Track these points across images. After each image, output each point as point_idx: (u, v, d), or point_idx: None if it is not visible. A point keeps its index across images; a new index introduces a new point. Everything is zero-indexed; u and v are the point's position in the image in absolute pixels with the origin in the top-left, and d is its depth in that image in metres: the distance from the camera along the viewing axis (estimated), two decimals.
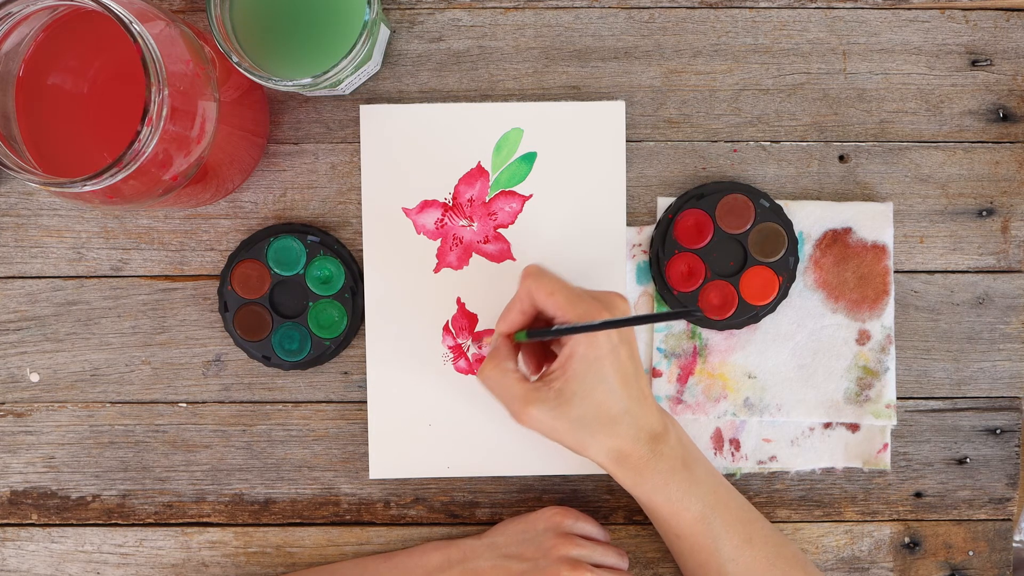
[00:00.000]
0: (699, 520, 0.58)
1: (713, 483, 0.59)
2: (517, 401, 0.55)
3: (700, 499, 0.57)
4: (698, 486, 0.58)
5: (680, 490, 0.57)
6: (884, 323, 0.65)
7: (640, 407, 0.56)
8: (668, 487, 0.57)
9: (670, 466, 0.57)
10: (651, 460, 0.56)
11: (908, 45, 0.64)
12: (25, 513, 0.66)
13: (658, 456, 0.56)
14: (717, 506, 0.58)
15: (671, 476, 0.57)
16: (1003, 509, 0.66)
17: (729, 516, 0.58)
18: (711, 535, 0.58)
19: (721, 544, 0.58)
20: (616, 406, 0.55)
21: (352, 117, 0.64)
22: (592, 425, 0.55)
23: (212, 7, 0.53)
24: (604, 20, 0.64)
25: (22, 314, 0.65)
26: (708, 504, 0.58)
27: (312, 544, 0.66)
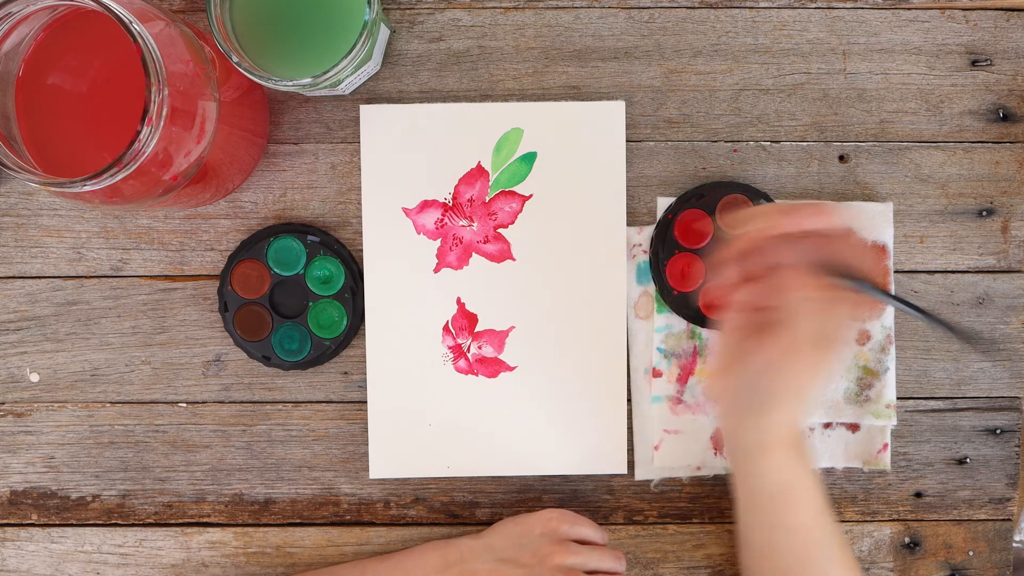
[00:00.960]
0: (821, 513, 0.55)
1: (810, 462, 0.58)
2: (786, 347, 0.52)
3: (820, 490, 0.56)
4: (813, 471, 0.56)
5: (813, 476, 0.55)
6: (884, 323, 0.65)
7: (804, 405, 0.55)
8: (811, 470, 0.55)
9: (794, 451, 0.55)
10: (797, 446, 0.55)
11: (908, 45, 0.64)
12: (25, 513, 0.66)
13: (805, 441, 0.56)
14: (817, 490, 0.56)
15: (809, 463, 0.56)
16: (1003, 509, 0.66)
17: (832, 521, 0.57)
18: (827, 530, 0.56)
19: (830, 541, 0.56)
20: (807, 384, 0.53)
21: (352, 117, 0.64)
22: (785, 396, 0.53)
23: (212, 7, 0.53)
24: (604, 20, 0.64)
25: (22, 314, 0.65)
26: (817, 495, 0.56)
27: (312, 544, 0.66)
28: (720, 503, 0.66)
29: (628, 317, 0.65)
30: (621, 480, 0.66)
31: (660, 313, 0.65)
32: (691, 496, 0.66)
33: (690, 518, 0.66)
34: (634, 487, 0.66)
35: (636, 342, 0.65)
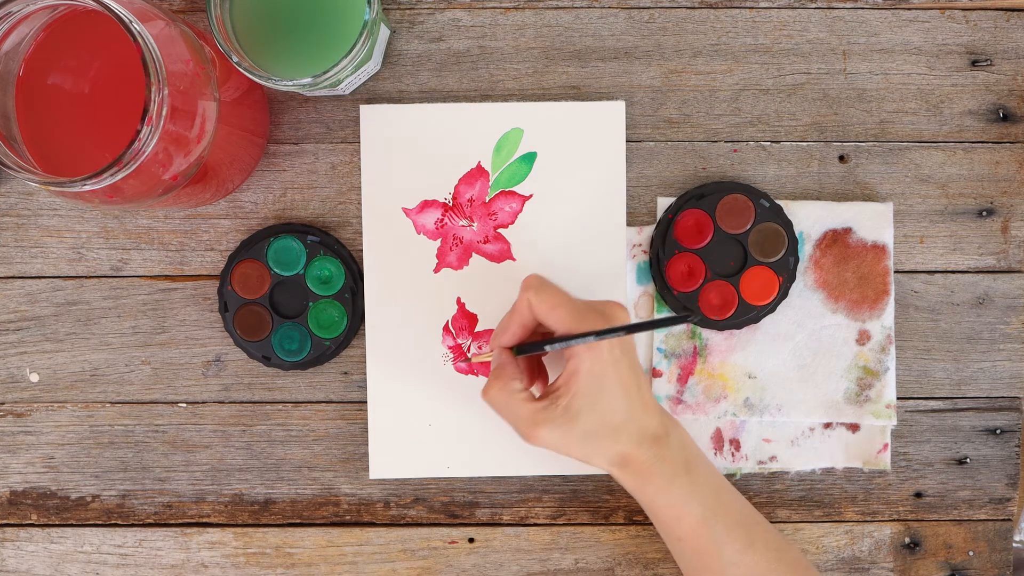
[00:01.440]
0: (701, 523, 0.57)
1: (715, 486, 0.59)
2: (525, 423, 0.56)
3: (701, 502, 0.57)
4: (700, 489, 0.58)
5: (682, 493, 0.57)
6: (884, 323, 0.65)
7: (643, 413, 0.57)
8: (670, 490, 0.57)
9: (672, 470, 0.57)
10: (653, 464, 0.57)
11: (908, 45, 0.64)
12: (24, 513, 0.66)
13: (660, 460, 0.57)
14: (719, 509, 0.58)
15: (673, 479, 0.57)
16: (1003, 509, 0.66)
17: (731, 519, 0.58)
18: (713, 539, 0.58)
19: (723, 548, 0.58)
20: (620, 415, 0.56)
21: (352, 117, 0.64)
22: (597, 436, 0.56)
23: (212, 7, 0.53)
24: (604, 20, 0.64)
25: (22, 314, 0.65)
26: (710, 507, 0.58)
27: (312, 544, 0.66)
28: None
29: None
30: None
31: (660, 313, 0.65)
32: None
33: None
34: None
35: (636, 342, 0.65)
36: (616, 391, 0.55)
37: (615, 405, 0.55)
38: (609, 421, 0.56)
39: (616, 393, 0.55)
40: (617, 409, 0.56)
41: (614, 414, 0.56)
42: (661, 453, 0.57)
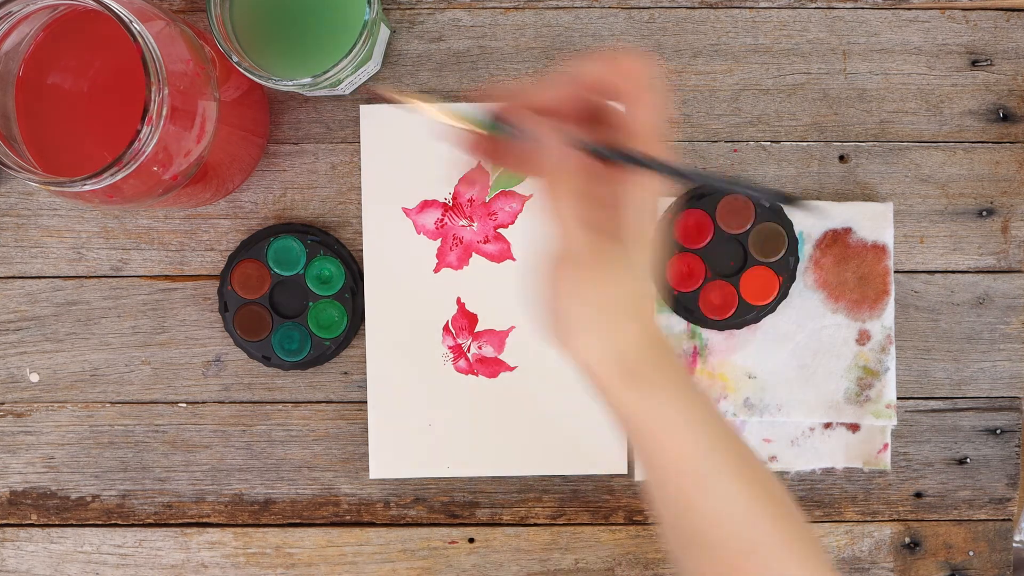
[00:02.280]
0: (698, 451, 0.45)
1: (710, 402, 0.48)
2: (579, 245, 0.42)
3: (704, 423, 0.45)
4: (700, 407, 0.46)
5: (686, 409, 0.45)
6: (884, 323, 0.65)
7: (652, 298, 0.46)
8: (675, 404, 0.44)
9: (680, 377, 0.45)
10: (665, 365, 0.44)
11: (908, 45, 0.64)
12: (24, 513, 0.66)
13: (671, 362, 0.44)
14: (720, 435, 0.46)
15: (679, 391, 0.44)
16: (1003, 509, 0.66)
17: (730, 450, 0.46)
18: (707, 471, 0.45)
19: (717, 484, 0.45)
20: (643, 281, 0.43)
21: (352, 117, 0.64)
22: (625, 299, 0.42)
23: (212, 7, 0.53)
24: (604, 20, 0.64)
25: (22, 314, 0.65)
26: (712, 432, 0.46)
27: (312, 545, 0.66)
28: None
29: None
30: (621, 480, 0.66)
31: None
32: None
33: None
34: (634, 487, 0.66)
35: None
36: (647, 249, 0.42)
37: (642, 264, 0.42)
38: (635, 284, 0.42)
39: (647, 250, 0.42)
40: (643, 271, 0.42)
41: (641, 277, 0.42)
42: (670, 353, 0.45)
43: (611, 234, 0.42)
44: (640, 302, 0.43)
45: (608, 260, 0.42)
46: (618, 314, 0.43)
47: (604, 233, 0.42)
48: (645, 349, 0.43)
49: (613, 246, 0.42)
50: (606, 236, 0.42)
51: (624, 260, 0.42)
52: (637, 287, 0.43)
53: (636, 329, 0.43)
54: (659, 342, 0.44)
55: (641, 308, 0.43)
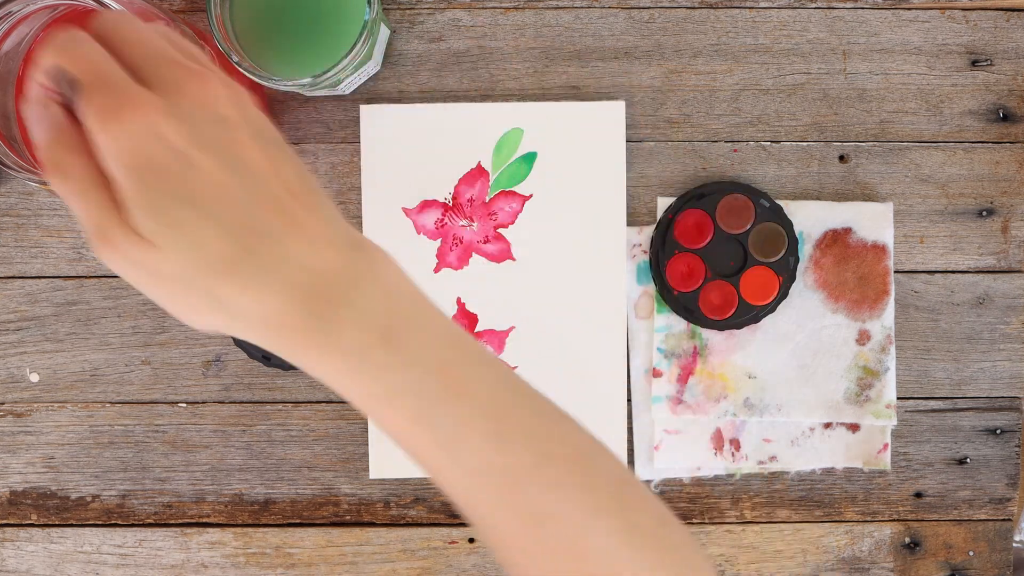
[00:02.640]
0: (414, 421, 0.37)
1: (444, 358, 0.38)
2: (94, 227, 0.35)
3: (414, 390, 0.37)
4: (413, 368, 0.37)
5: (382, 378, 0.36)
6: (884, 323, 0.65)
7: (292, 231, 0.35)
8: (360, 373, 0.36)
9: (359, 341, 0.36)
10: (319, 330, 0.35)
11: (908, 45, 0.64)
12: (24, 513, 0.66)
13: (332, 323, 0.35)
14: (448, 395, 0.37)
15: (363, 356, 0.36)
16: (1003, 509, 0.66)
17: (469, 407, 0.37)
18: (437, 442, 0.37)
19: (457, 452, 0.37)
20: (235, 233, 0.35)
21: (352, 117, 0.64)
22: (201, 273, 0.34)
23: (212, 7, 0.53)
24: (604, 20, 0.64)
25: (22, 314, 0.65)
26: (431, 395, 0.37)
27: (312, 544, 0.66)
28: (720, 503, 0.66)
29: (628, 317, 0.65)
30: None
31: (660, 313, 0.65)
32: (691, 496, 0.66)
33: (690, 518, 0.66)
34: None
35: (636, 342, 0.65)
36: (226, 178, 0.35)
37: (224, 212, 0.34)
38: (217, 248, 0.34)
39: (241, 171, 0.35)
40: (228, 218, 0.34)
41: (220, 231, 0.34)
42: (332, 314, 0.35)
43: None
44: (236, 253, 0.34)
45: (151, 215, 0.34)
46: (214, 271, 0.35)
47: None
48: (281, 301, 0.35)
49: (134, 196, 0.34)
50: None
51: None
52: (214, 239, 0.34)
53: (253, 280, 0.35)
54: (312, 292, 0.35)
55: (240, 257, 0.35)
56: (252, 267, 0.35)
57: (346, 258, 0.36)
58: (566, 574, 0.38)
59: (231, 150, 0.35)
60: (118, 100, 0.34)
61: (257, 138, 0.36)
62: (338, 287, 0.36)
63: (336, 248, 0.36)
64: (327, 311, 0.36)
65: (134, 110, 0.34)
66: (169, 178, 0.34)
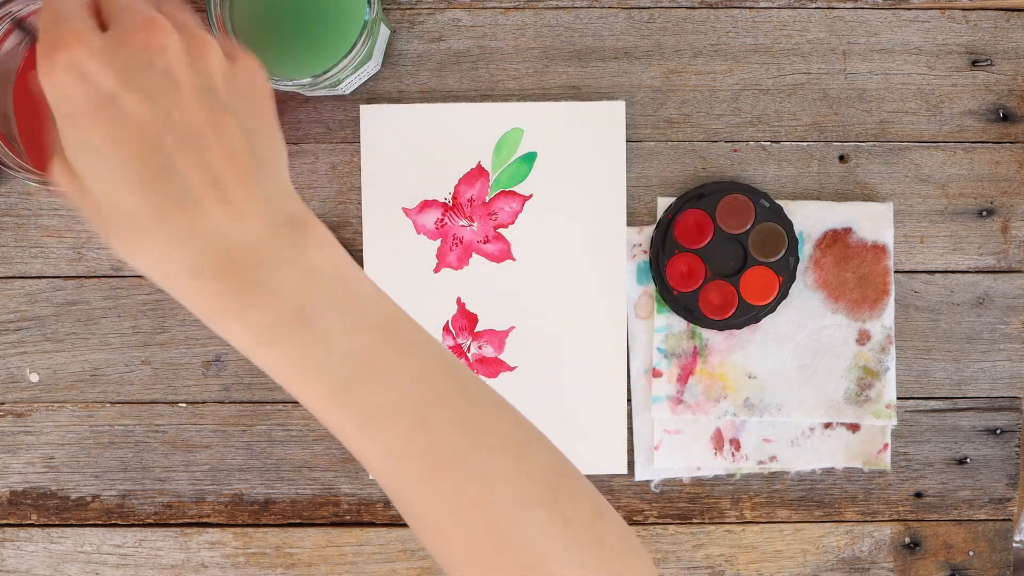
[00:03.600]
0: (331, 399, 0.36)
1: (367, 340, 0.37)
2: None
3: (327, 368, 0.36)
4: (325, 348, 0.36)
5: (292, 353, 0.36)
6: (884, 323, 0.65)
7: (216, 204, 0.34)
8: (271, 345, 0.35)
9: (272, 315, 0.35)
10: (231, 302, 0.35)
11: (908, 45, 0.64)
12: (24, 513, 0.66)
13: (243, 297, 0.35)
14: (367, 377, 0.36)
15: (275, 331, 0.35)
16: (1003, 509, 0.66)
17: (392, 391, 0.37)
18: (355, 422, 0.37)
19: (376, 434, 0.37)
20: (149, 196, 0.34)
21: (352, 117, 0.64)
22: (111, 225, 0.34)
23: (212, 7, 0.53)
24: (604, 20, 0.64)
25: (22, 314, 0.65)
26: (348, 375, 0.36)
27: (312, 544, 0.66)
28: (720, 503, 0.66)
29: (628, 317, 0.65)
30: (621, 480, 0.66)
31: (660, 313, 0.65)
32: (691, 496, 0.66)
33: (690, 518, 0.66)
34: (634, 487, 0.66)
35: (636, 342, 0.65)
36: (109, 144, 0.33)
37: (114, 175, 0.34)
38: (117, 203, 0.34)
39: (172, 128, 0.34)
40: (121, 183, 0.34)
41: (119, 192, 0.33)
42: (240, 286, 0.35)
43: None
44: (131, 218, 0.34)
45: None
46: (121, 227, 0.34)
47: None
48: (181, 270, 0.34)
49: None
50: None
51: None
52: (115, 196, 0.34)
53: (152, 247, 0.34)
54: (221, 267, 0.34)
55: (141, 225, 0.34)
56: (161, 234, 0.34)
57: (271, 235, 0.36)
58: (490, 564, 0.37)
59: (164, 103, 0.33)
60: (55, 37, 0.33)
61: (203, 96, 0.34)
62: (255, 263, 0.35)
63: (263, 223, 0.36)
64: (240, 286, 0.35)
65: (65, 48, 0.33)
66: (87, 121, 0.33)
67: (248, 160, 0.36)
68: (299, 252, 0.36)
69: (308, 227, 0.38)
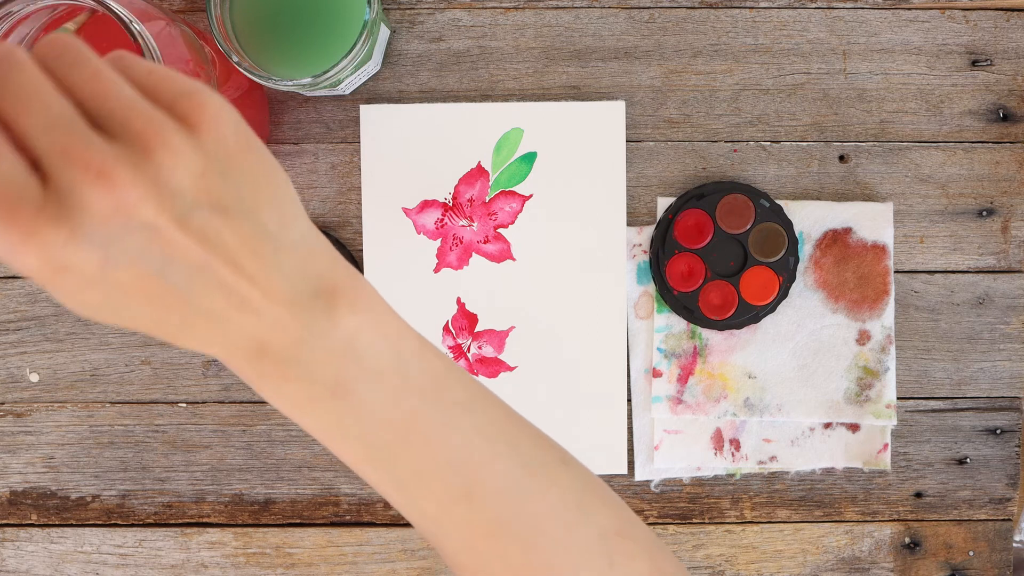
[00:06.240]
0: (368, 463, 0.37)
1: (408, 407, 0.36)
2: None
3: (366, 439, 0.36)
4: (364, 420, 0.36)
5: (332, 425, 0.36)
6: (884, 323, 0.65)
7: (236, 308, 0.33)
8: (309, 417, 0.36)
9: (306, 394, 0.35)
10: (264, 383, 0.35)
11: (908, 45, 0.64)
12: (24, 513, 0.66)
13: (275, 380, 0.35)
14: (407, 446, 0.36)
15: (310, 408, 0.35)
16: (1003, 509, 0.66)
17: (433, 459, 0.36)
18: (395, 487, 0.37)
19: (416, 500, 0.37)
20: (169, 323, 0.33)
21: (352, 117, 0.64)
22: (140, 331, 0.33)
23: (212, 7, 0.53)
24: (604, 20, 0.64)
25: (22, 314, 0.65)
26: (387, 444, 0.36)
27: (312, 544, 0.66)
28: (720, 503, 0.66)
29: (628, 317, 0.65)
30: (621, 480, 0.66)
31: (660, 313, 0.65)
32: (691, 496, 0.66)
33: (690, 518, 0.66)
34: (634, 487, 0.66)
35: (636, 342, 0.65)
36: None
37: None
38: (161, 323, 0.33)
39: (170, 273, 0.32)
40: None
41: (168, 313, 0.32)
42: (284, 365, 0.34)
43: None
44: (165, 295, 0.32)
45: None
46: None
47: None
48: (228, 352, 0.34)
49: None
50: None
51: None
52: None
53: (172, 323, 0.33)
54: (258, 350, 0.34)
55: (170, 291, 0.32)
56: (190, 337, 0.33)
57: (299, 315, 0.34)
58: None
59: (155, 260, 0.31)
60: (12, 230, 0.29)
61: (188, 220, 0.31)
62: (285, 346, 0.34)
63: (289, 308, 0.34)
64: (273, 368, 0.34)
65: (30, 246, 0.29)
66: (84, 298, 0.31)
67: (258, 248, 0.33)
68: (332, 324, 0.34)
69: (339, 293, 0.35)
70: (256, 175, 0.33)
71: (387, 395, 0.36)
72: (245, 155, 0.33)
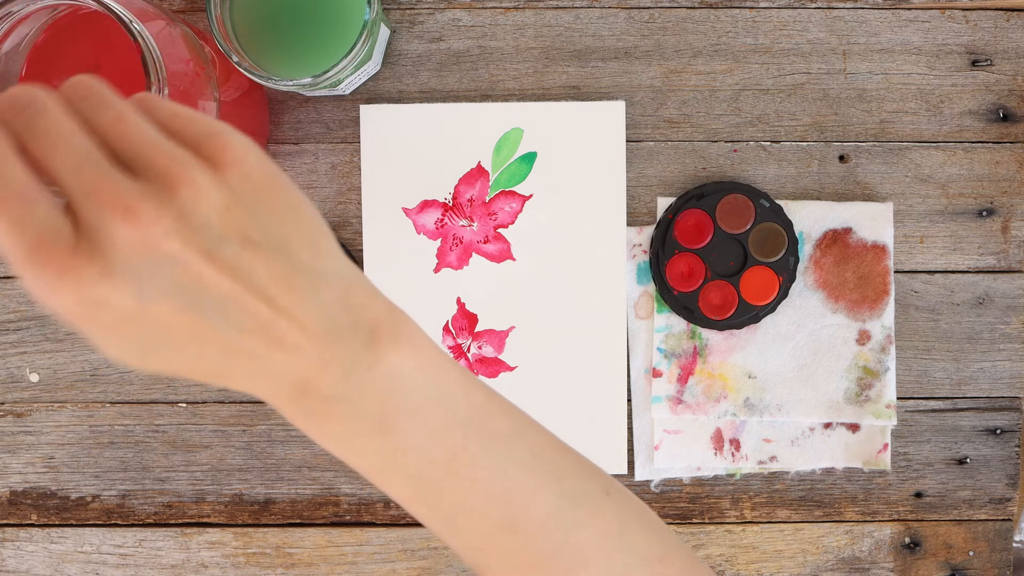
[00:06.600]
0: (414, 499, 0.37)
1: (451, 441, 0.36)
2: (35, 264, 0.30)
3: (410, 474, 0.36)
4: (408, 455, 0.36)
5: (377, 462, 0.36)
6: (884, 323, 0.65)
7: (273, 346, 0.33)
8: (354, 453, 0.36)
9: (351, 430, 0.35)
10: (309, 420, 0.35)
11: (908, 45, 0.64)
12: (24, 513, 0.66)
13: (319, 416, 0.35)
14: (451, 479, 0.36)
15: (355, 443, 0.36)
16: (1003, 509, 0.66)
17: (476, 493, 0.37)
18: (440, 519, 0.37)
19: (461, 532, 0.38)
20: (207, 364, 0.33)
21: (352, 117, 0.64)
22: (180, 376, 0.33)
23: (212, 7, 0.53)
24: (604, 20, 0.64)
25: (22, 314, 0.65)
26: (431, 479, 0.36)
27: (312, 544, 0.66)
28: (720, 503, 0.66)
29: (628, 317, 0.65)
30: (621, 480, 0.66)
31: (660, 313, 0.65)
32: (691, 496, 0.66)
33: (690, 518, 0.66)
34: (634, 487, 0.66)
35: (636, 342, 0.65)
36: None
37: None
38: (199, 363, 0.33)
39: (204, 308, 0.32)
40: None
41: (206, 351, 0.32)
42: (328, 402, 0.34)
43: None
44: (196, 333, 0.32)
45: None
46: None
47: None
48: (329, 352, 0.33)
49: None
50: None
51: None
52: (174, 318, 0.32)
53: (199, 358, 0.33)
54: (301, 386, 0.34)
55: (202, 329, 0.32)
56: (231, 377, 0.33)
57: (339, 350, 0.34)
58: None
59: (188, 293, 0.31)
60: (48, 271, 0.30)
61: (217, 253, 0.31)
62: (326, 384, 0.34)
63: (328, 344, 0.33)
64: (316, 406, 0.34)
65: (65, 283, 0.30)
66: (119, 338, 0.32)
67: (293, 282, 0.33)
68: (376, 358, 0.35)
69: (380, 326, 0.35)
70: (284, 210, 0.33)
71: (432, 430, 0.36)
72: (272, 191, 0.33)
